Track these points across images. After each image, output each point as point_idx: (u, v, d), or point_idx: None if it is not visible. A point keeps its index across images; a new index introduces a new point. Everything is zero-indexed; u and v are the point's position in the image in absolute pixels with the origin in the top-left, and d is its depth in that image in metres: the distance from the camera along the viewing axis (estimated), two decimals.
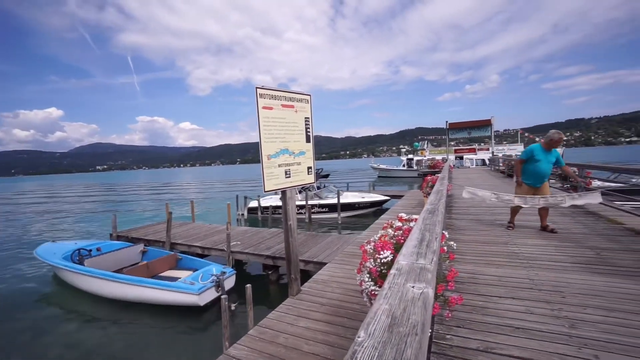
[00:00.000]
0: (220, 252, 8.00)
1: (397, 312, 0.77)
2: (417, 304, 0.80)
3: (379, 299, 0.85)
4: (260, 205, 16.38)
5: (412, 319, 0.74)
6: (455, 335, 2.44)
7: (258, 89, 3.53)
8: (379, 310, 0.78)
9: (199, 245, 8.44)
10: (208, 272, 6.55)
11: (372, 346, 0.65)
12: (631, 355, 2.08)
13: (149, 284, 6.31)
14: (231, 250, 7.49)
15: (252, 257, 7.37)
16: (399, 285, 0.93)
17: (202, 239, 8.98)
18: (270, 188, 3.65)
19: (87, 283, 7.07)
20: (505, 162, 17.62)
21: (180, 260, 7.89)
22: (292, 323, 3.41)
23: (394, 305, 0.80)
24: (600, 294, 2.97)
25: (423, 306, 0.80)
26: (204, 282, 6.16)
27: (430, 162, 32.20)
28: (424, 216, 1.89)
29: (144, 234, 10.20)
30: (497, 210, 7.06)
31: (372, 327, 0.71)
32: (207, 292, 6.05)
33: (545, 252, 4.24)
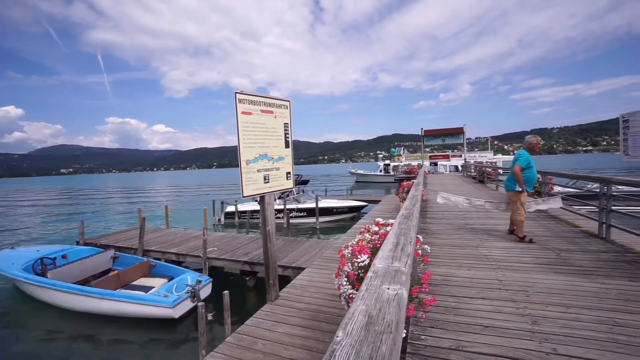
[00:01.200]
0: (196, 259, 7.78)
1: (373, 312, 0.81)
2: (392, 304, 0.86)
3: (356, 300, 0.89)
4: (238, 210, 16.12)
5: (387, 318, 0.79)
6: (430, 335, 2.53)
7: (237, 94, 3.53)
8: (357, 310, 0.83)
9: (174, 252, 8.17)
10: (183, 282, 6.33)
11: (350, 345, 0.69)
12: (584, 347, 2.26)
13: (119, 298, 5.99)
14: (207, 256, 7.31)
15: (230, 263, 7.24)
16: (375, 287, 0.98)
17: (177, 245, 8.70)
18: (249, 193, 3.64)
19: (51, 296, 6.61)
20: (476, 169, 18.43)
21: (154, 267, 7.58)
22: (271, 329, 3.40)
23: (370, 306, 0.85)
24: (559, 292, 3.19)
25: (397, 306, 0.85)
26: (178, 294, 5.94)
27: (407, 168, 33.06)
28: (399, 221, 1.97)
29: (115, 241, 9.73)
30: (469, 215, 7.36)
31: (350, 326, 0.75)
32: (182, 303, 5.84)
33: (512, 254, 4.48)
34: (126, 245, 9.18)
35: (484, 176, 16.12)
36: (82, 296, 6.20)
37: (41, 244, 13.84)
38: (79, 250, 8.41)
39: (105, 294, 6.06)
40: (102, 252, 8.08)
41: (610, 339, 2.34)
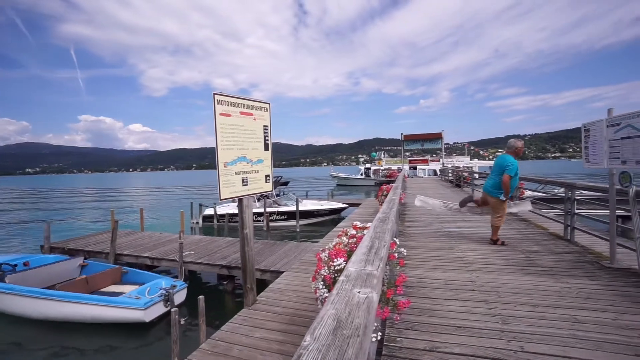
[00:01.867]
0: (171, 263, 7.56)
1: (342, 316, 0.82)
2: (361, 308, 0.87)
3: (326, 304, 0.90)
4: (217, 213, 15.80)
5: (356, 321, 0.79)
6: (405, 337, 2.57)
7: (216, 95, 3.48)
8: (326, 315, 0.83)
9: (148, 256, 7.89)
10: (156, 286, 6.12)
11: (317, 349, 0.69)
12: (548, 344, 2.36)
13: (85, 300, 5.69)
14: (184, 260, 7.12)
15: (207, 267, 7.08)
16: (346, 290, 0.98)
17: (152, 249, 8.41)
18: (226, 196, 3.58)
19: (9, 303, 6.12)
20: (454, 173, 19.01)
21: (126, 274, 7.27)
22: (247, 334, 3.34)
23: (340, 310, 0.85)
24: (528, 292, 3.33)
25: (367, 309, 0.86)
26: (151, 296, 5.73)
27: (387, 172, 33.63)
28: (375, 224, 2.00)
29: (84, 245, 9.27)
30: (445, 218, 7.57)
31: (318, 331, 0.76)
32: (155, 307, 5.64)
33: (485, 256, 4.65)
34: (97, 250, 8.77)
35: (460, 180, 16.66)
36: (43, 300, 5.80)
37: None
38: (43, 258, 7.89)
39: (70, 297, 5.73)
40: (69, 260, 7.64)
41: (571, 335, 2.47)
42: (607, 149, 3.94)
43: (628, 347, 2.29)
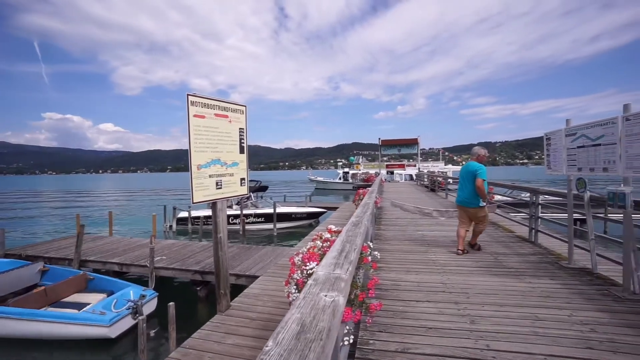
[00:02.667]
0: (141, 269, 7.24)
1: (307, 320, 0.82)
2: (326, 311, 0.87)
3: (292, 308, 0.90)
4: (191, 216, 15.35)
5: (320, 325, 0.80)
6: (378, 339, 2.60)
7: (190, 96, 3.40)
8: (290, 319, 0.83)
9: (117, 262, 7.52)
10: (124, 297, 5.77)
11: (279, 354, 0.69)
12: (511, 341, 2.48)
13: (44, 318, 5.23)
14: (155, 266, 6.84)
15: (179, 272, 6.84)
16: (313, 294, 0.99)
17: (121, 255, 8.02)
18: (200, 199, 3.50)
19: None
20: (429, 178, 19.58)
21: (92, 281, 6.85)
22: (220, 341, 3.26)
23: (305, 314, 0.85)
24: (495, 292, 3.47)
25: (332, 313, 0.87)
26: (117, 310, 5.39)
27: (365, 176, 34.11)
28: (347, 228, 2.02)
29: (45, 251, 8.69)
30: (420, 222, 7.75)
31: (281, 335, 0.75)
32: (122, 321, 5.30)
33: (456, 258, 4.80)
34: (59, 256, 8.24)
35: (435, 185, 17.18)
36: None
37: None
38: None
39: (25, 314, 5.24)
40: (27, 265, 7.09)
41: (532, 332, 2.60)
42: (565, 157, 4.20)
43: (580, 341, 2.45)
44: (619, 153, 3.18)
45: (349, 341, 1.94)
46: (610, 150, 3.32)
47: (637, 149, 2.91)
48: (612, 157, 3.31)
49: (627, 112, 3.07)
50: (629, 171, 3.06)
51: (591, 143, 3.67)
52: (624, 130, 3.08)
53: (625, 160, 3.10)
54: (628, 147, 3.04)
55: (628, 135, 3.03)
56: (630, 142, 3.00)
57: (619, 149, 3.17)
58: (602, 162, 3.50)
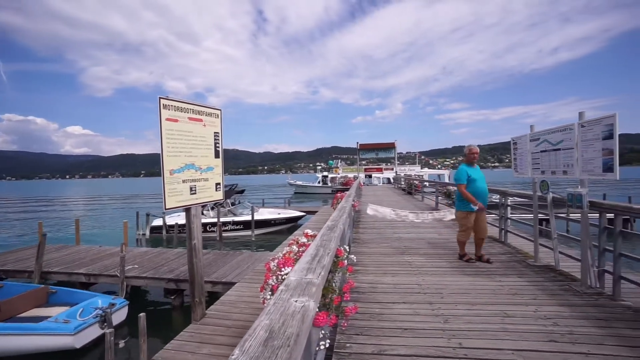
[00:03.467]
0: (111, 279, 6.89)
1: (275, 327, 0.82)
2: (296, 317, 0.87)
3: (261, 315, 0.89)
4: (166, 224, 14.84)
5: (288, 331, 0.80)
6: (355, 342, 2.62)
7: (162, 99, 3.31)
8: (259, 326, 0.82)
9: (84, 272, 7.11)
10: (91, 306, 5.45)
11: None
12: (482, 338, 2.57)
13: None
14: (126, 275, 6.53)
15: (152, 281, 6.57)
16: (283, 300, 0.98)
17: (89, 265, 7.60)
18: (173, 205, 3.40)
19: None
20: (406, 181, 20.03)
21: (54, 295, 6.36)
22: (194, 351, 3.16)
23: (274, 320, 0.85)
24: (467, 291, 3.59)
25: (301, 318, 0.87)
26: (83, 319, 5.08)
27: (343, 180, 34.39)
28: (323, 232, 2.03)
29: (2, 264, 8.07)
30: (397, 225, 7.90)
31: (248, 343, 0.74)
32: (88, 330, 5.00)
33: (431, 259, 4.93)
34: (17, 268, 7.68)
35: (412, 188, 17.59)
36: None
37: None
38: None
39: None
40: None
41: (501, 328, 2.71)
42: (530, 161, 4.45)
43: (544, 335, 2.59)
44: (576, 157, 3.41)
45: (325, 345, 1.94)
46: (569, 154, 3.55)
47: (591, 153, 3.13)
48: (570, 160, 3.54)
49: (582, 119, 3.30)
50: (585, 174, 3.28)
51: (552, 148, 3.90)
52: (579, 136, 3.31)
53: (581, 164, 3.32)
54: (583, 152, 3.27)
55: (583, 141, 3.25)
56: (585, 147, 3.22)
57: (576, 153, 3.39)
58: (562, 165, 3.73)
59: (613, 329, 2.64)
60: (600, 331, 2.61)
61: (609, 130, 2.92)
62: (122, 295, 6.38)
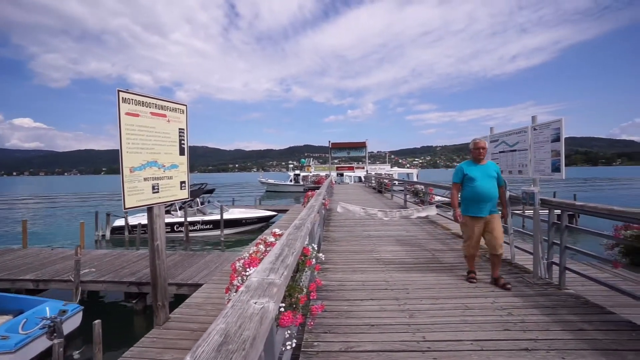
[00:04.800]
0: (64, 284, 6.40)
1: (232, 330, 0.79)
2: (254, 319, 0.85)
3: (218, 318, 0.86)
4: (128, 224, 14.05)
5: (245, 334, 0.77)
6: (322, 340, 2.62)
7: (121, 92, 3.12)
8: (214, 330, 0.79)
9: (31, 279, 6.53)
10: (37, 315, 4.94)
11: None
12: (444, 331, 2.68)
13: None
14: (81, 280, 6.10)
15: (111, 285, 6.19)
16: (242, 302, 0.95)
17: (37, 270, 7.00)
18: (133, 205, 3.21)
19: None
20: (376, 180, 20.46)
21: None
22: (156, 357, 3.02)
23: (230, 323, 0.82)
24: (432, 286, 3.73)
25: (259, 320, 0.85)
26: (27, 332, 4.56)
27: (315, 178, 34.47)
28: (289, 231, 2.01)
29: None
30: (367, 223, 8.03)
31: (201, 349, 0.71)
32: (33, 344, 4.50)
33: (398, 256, 5.07)
34: None
35: (382, 187, 18.01)
36: None
37: None
38: None
39: None
40: None
41: (462, 320, 2.85)
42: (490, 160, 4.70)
43: (500, 324, 2.76)
44: (529, 158, 3.65)
45: (292, 345, 1.92)
46: (523, 155, 3.80)
47: (542, 154, 3.37)
48: (524, 161, 3.79)
49: (534, 123, 3.54)
50: (537, 173, 3.53)
51: (509, 149, 4.16)
52: (532, 138, 3.54)
53: (533, 164, 3.57)
54: (535, 153, 3.51)
55: (535, 143, 3.50)
56: (537, 148, 3.47)
57: (530, 154, 3.64)
58: (517, 165, 3.98)
59: (558, 315, 2.87)
60: (547, 318, 2.82)
61: (557, 133, 3.16)
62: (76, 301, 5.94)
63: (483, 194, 3.63)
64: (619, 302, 3.15)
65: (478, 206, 3.66)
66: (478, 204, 3.66)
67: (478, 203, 3.66)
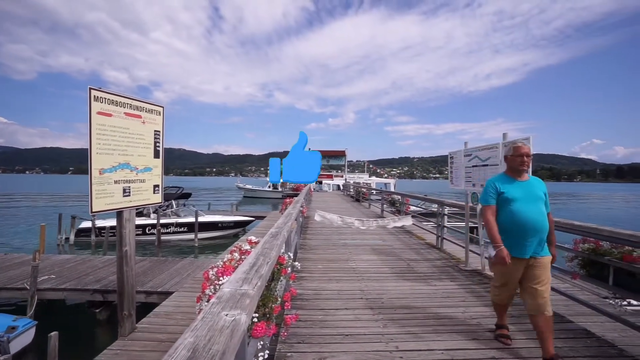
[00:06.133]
0: (17, 293, 5.92)
1: (200, 344, 0.76)
2: (224, 333, 0.82)
3: (186, 331, 0.82)
4: (95, 226, 13.33)
5: (214, 348, 0.75)
6: (296, 351, 2.58)
7: (93, 90, 2.99)
8: (181, 345, 0.76)
9: None
10: None
11: None
12: (416, 341, 2.72)
13: None
14: (38, 287, 5.67)
15: (73, 293, 5.80)
16: (213, 314, 0.93)
17: None
18: (101, 208, 3.06)
19: None
20: (354, 189, 20.66)
21: None
22: None
23: (200, 337, 0.79)
24: (406, 296, 3.78)
25: (230, 334, 0.82)
26: None
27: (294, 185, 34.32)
28: (265, 239, 1.98)
29: None
30: (344, 231, 8.06)
31: None
32: None
33: (374, 265, 5.12)
34: None
35: (360, 195, 18.20)
36: None
37: None
38: None
39: None
40: None
41: (434, 330, 2.90)
42: (463, 174, 4.89)
43: (470, 334, 2.83)
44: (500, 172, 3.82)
45: (264, 356, 1.88)
46: (494, 170, 3.98)
47: None
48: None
49: (505, 140, 3.72)
50: None
51: (482, 163, 4.34)
52: (503, 154, 3.72)
53: None
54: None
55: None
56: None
57: (500, 169, 3.81)
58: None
59: (523, 324, 2.98)
60: (514, 327, 2.92)
61: None
62: (30, 312, 5.48)
63: (528, 224, 2.43)
64: (577, 311, 3.33)
65: (519, 242, 2.46)
66: (519, 238, 2.46)
67: (520, 237, 2.46)
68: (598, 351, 2.55)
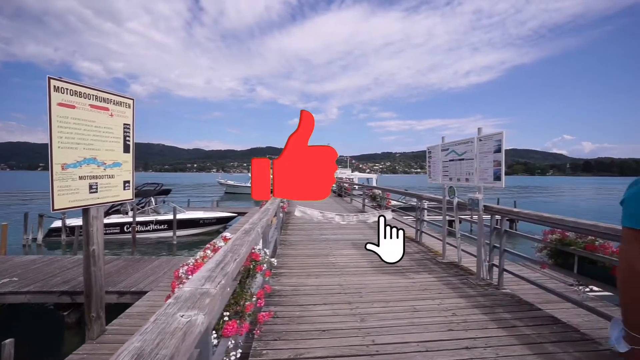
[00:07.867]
0: None
1: (147, 349, 0.70)
2: (176, 335, 0.77)
3: (134, 336, 0.76)
4: (65, 226, 12.72)
5: (161, 353, 0.69)
6: (272, 348, 2.54)
7: (52, 80, 2.80)
8: (125, 351, 0.70)
9: None
10: None
11: None
12: (392, 334, 2.74)
13: None
14: None
15: (38, 296, 5.46)
16: (167, 316, 0.87)
17: None
18: (64, 205, 2.89)
19: None
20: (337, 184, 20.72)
21: None
22: None
23: (148, 341, 0.73)
24: (384, 290, 3.81)
25: (182, 336, 0.77)
26: None
27: None
28: (237, 236, 1.92)
29: None
30: (324, 226, 8.05)
31: None
32: None
33: (353, 260, 5.13)
34: None
35: (342, 190, 18.29)
36: None
37: None
38: None
39: None
40: None
41: (409, 322, 2.94)
42: (441, 169, 4.97)
43: (445, 325, 2.88)
44: (475, 167, 3.91)
45: (237, 355, 1.83)
46: (470, 164, 4.06)
47: (486, 164, 3.63)
48: (471, 169, 4.04)
49: (480, 134, 3.80)
50: (481, 182, 3.79)
51: (458, 158, 4.42)
52: (478, 149, 3.80)
53: (478, 173, 3.82)
54: (480, 162, 3.77)
55: (480, 153, 3.75)
56: (481, 158, 3.72)
57: (475, 163, 3.89)
58: (465, 173, 4.24)
59: (495, 314, 3.08)
60: (486, 317, 3.01)
61: (498, 145, 3.42)
62: None
63: None
64: (545, 299, 3.46)
65: None
66: None
67: None
68: (563, 336, 2.65)
